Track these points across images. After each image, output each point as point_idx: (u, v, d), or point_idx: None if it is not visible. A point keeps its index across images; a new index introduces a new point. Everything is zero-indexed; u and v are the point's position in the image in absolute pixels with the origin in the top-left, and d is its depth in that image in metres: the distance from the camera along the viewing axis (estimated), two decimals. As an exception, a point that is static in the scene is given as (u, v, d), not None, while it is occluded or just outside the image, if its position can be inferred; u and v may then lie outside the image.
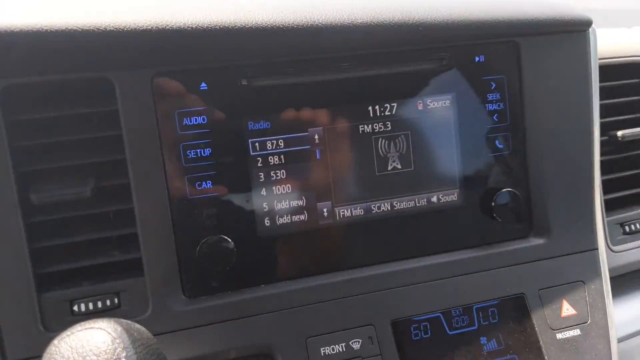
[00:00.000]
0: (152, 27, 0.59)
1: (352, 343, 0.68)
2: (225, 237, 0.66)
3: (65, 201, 0.63)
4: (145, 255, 0.65)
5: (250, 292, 0.69)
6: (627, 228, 0.93)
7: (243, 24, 0.62)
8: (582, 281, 0.77)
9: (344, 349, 0.68)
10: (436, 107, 0.72)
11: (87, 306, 0.64)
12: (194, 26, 0.60)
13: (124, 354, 0.45)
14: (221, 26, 0.61)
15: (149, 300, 0.65)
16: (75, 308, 0.64)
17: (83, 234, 0.65)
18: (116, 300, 0.65)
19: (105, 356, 0.44)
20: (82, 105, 0.63)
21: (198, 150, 0.66)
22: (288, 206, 0.69)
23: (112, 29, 0.58)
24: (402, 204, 0.72)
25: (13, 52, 0.57)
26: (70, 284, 0.65)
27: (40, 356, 0.47)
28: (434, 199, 0.73)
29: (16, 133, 0.62)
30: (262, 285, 0.69)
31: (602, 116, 0.86)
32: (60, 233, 0.64)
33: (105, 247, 0.66)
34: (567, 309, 0.75)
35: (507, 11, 0.72)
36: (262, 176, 0.68)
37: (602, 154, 0.86)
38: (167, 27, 0.60)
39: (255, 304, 0.68)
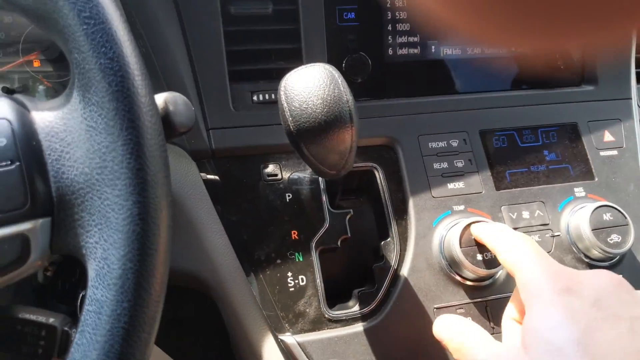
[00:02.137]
0: None
1: (451, 142, 0.92)
2: (364, 54, 0.89)
3: (252, 15, 0.85)
4: (305, 62, 0.87)
5: (380, 101, 0.92)
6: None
7: None
8: (619, 119, 1.00)
9: (446, 145, 0.91)
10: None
11: (261, 97, 0.87)
12: None
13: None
14: None
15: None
16: (255, 98, 0.87)
17: (263, 44, 0.87)
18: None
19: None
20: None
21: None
22: (406, 41, 0.92)
23: None
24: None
25: None
26: (252, 80, 0.88)
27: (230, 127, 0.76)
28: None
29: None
30: (385, 99, 0.93)
31: None
32: (247, 41, 0.87)
33: (277, 56, 0.88)
34: (608, 137, 0.98)
35: None
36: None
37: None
38: None
39: (383, 109, 0.91)
